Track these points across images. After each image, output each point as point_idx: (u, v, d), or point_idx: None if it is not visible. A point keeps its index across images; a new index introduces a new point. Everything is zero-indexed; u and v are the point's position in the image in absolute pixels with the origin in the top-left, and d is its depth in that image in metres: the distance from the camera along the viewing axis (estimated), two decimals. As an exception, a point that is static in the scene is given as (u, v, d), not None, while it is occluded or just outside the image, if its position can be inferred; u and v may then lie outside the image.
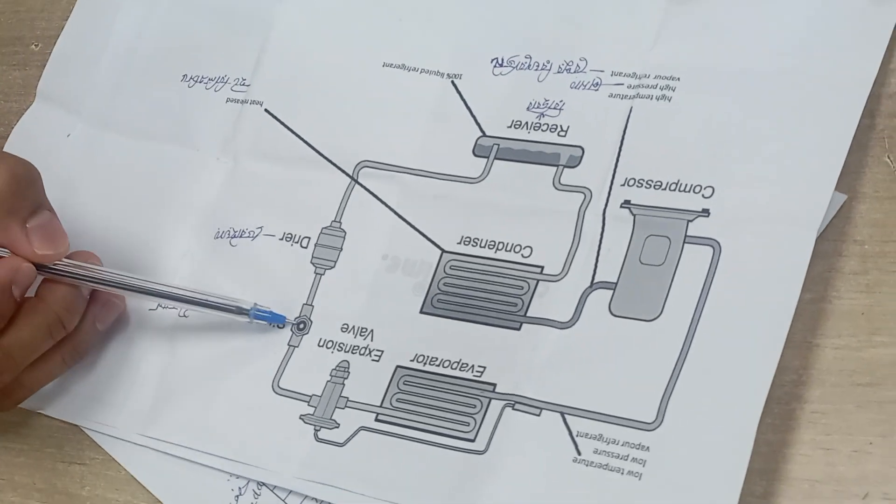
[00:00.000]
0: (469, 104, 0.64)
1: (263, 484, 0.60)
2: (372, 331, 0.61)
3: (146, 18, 0.73)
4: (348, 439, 0.59)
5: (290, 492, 0.59)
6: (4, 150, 0.72)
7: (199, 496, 0.61)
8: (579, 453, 0.54)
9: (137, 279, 0.62)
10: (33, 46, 0.75)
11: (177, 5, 0.72)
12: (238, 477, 0.60)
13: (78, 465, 0.64)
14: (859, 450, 0.53)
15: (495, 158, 0.62)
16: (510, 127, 0.63)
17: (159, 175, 0.69)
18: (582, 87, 0.62)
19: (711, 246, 0.56)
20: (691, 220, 0.57)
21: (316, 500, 0.59)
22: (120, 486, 0.63)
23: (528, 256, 0.60)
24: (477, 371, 0.58)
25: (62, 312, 0.60)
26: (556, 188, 0.61)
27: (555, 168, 0.61)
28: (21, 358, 0.59)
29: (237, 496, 0.60)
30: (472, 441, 0.57)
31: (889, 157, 0.57)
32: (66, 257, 0.61)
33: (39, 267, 0.60)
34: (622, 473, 0.53)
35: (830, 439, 0.53)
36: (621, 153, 0.60)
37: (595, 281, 0.58)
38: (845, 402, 0.54)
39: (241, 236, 0.65)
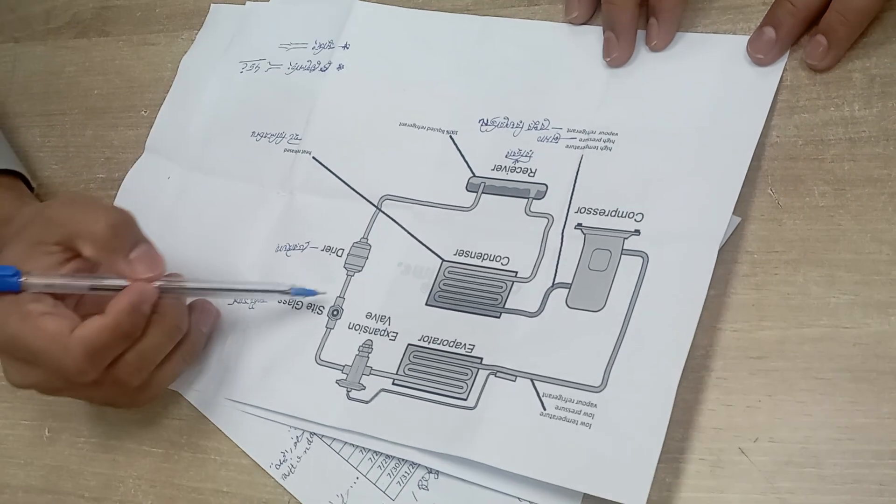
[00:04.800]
0: (463, 153, 0.64)
1: (314, 434, 0.60)
2: (389, 317, 0.61)
3: (225, 91, 0.73)
4: (372, 398, 0.59)
5: (334, 439, 0.59)
6: (122, 188, 0.72)
7: (267, 443, 0.61)
8: (545, 409, 0.54)
9: (215, 283, 0.62)
10: (143, 112, 0.75)
11: (247, 81, 0.72)
12: (295, 428, 0.60)
13: (178, 421, 0.64)
14: (751, 406, 0.53)
15: (483, 193, 0.62)
16: (493, 170, 0.63)
17: (235, 206, 0.68)
18: (546, 140, 0.62)
19: (641, 257, 0.56)
20: (626, 238, 0.57)
21: (353, 445, 0.59)
22: (208, 435, 0.63)
23: (507, 264, 0.60)
24: (468, 348, 0.58)
25: (176, 319, 0.59)
26: (527, 214, 0.60)
27: (526, 200, 0.61)
28: (153, 357, 0.58)
29: (296, 442, 0.60)
30: (465, 400, 0.57)
31: (771, 190, 0.57)
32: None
33: None
34: (576, 424, 0.53)
35: (730, 398, 0.54)
36: (575, 189, 0.60)
37: (555, 282, 0.58)
38: (741, 370, 0.54)
39: (293, 249, 0.65)
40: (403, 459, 0.57)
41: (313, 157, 0.67)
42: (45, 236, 0.58)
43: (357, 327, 0.61)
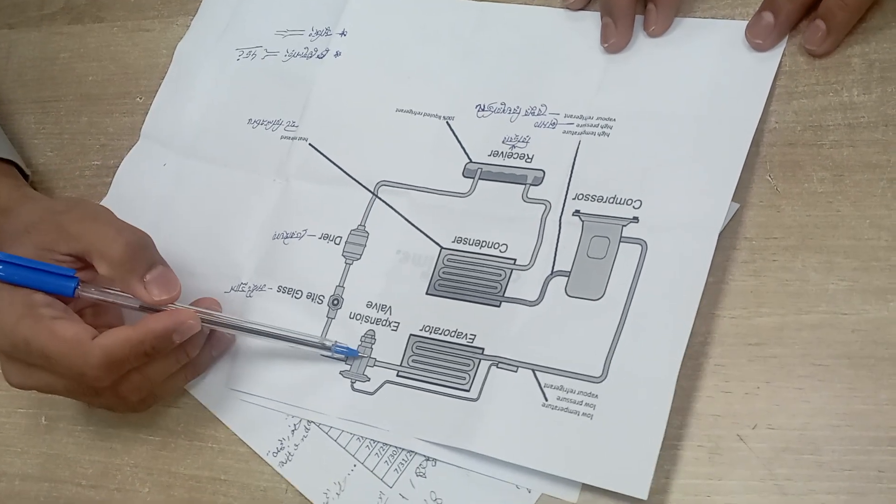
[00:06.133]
0: (460, 139, 0.63)
1: (311, 422, 0.60)
2: (390, 307, 0.60)
3: (221, 78, 0.72)
4: (377, 390, 0.59)
5: (332, 427, 0.59)
6: (117, 176, 0.72)
7: (264, 430, 0.60)
8: (546, 400, 0.54)
9: (240, 320, 0.60)
10: (138, 99, 0.74)
11: (243, 68, 0.72)
12: (292, 416, 0.60)
13: (175, 409, 0.63)
14: (750, 392, 0.53)
15: (479, 179, 0.62)
16: (490, 155, 0.62)
17: (231, 193, 0.68)
18: (543, 126, 0.62)
19: (640, 244, 0.56)
20: (625, 225, 0.57)
21: (350, 433, 0.59)
22: (206, 423, 0.62)
23: (505, 252, 0.59)
24: (469, 338, 0.58)
25: (188, 346, 0.59)
26: (524, 201, 0.60)
27: (523, 186, 0.60)
28: (156, 379, 0.59)
29: (293, 430, 0.60)
30: (468, 391, 0.56)
31: (769, 176, 0.57)
32: (192, 304, 0.60)
33: None
34: (578, 415, 0.53)
35: (728, 385, 0.53)
36: (573, 175, 0.59)
37: (554, 270, 0.57)
38: (739, 357, 0.54)
39: (291, 237, 0.64)
40: (400, 447, 0.57)
41: (310, 144, 0.67)
42: (57, 245, 0.58)
43: (358, 317, 0.61)
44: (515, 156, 0.61)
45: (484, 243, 0.60)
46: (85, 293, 0.58)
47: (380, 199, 0.63)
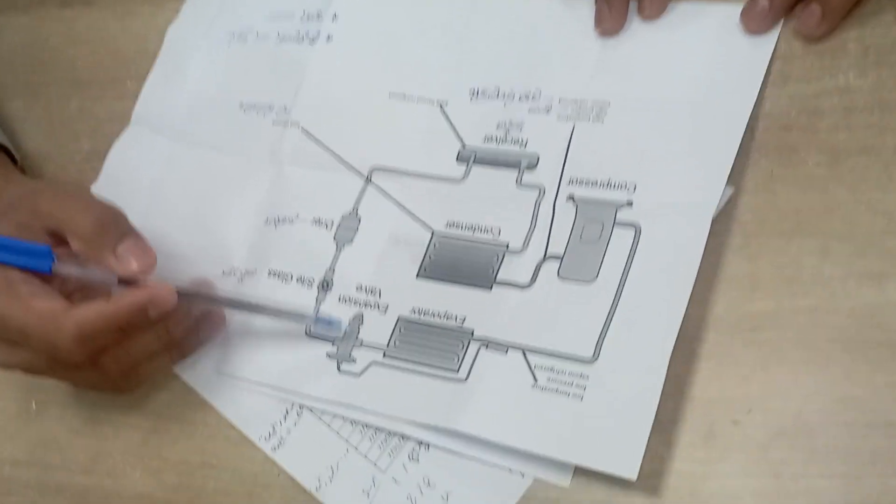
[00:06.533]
0: (453, 123, 0.63)
1: (304, 406, 0.59)
2: (380, 290, 0.60)
3: (212, 62, 0.72)
4: (363, 371, 0.58)
5: (324, 412, 0.59)
6: (107, 161, 0.71)
7: (256, 415, 0.60)
8: (536, 381, 0.54)
9: (223, 293, 0.60)
10: (129, 83, 0.74)
11: (235, 52, 0.71)
12: (285, 400, 0.60)
13: (165, 393, 0.63)
14: (744, 377, 0.53)
15: (473, 163, 0.61)
16: (484, 140, 0.62)
17: (223, 178, 0.67)
18: (537, 111, 0.61)
19: (634, 228, 0.56)
20: (619, 209, 0.56)
21: (343, 417, 0.58)
22: (196, 408, 0.62)
23: (498, 236, 0.59)
24: (459, 320, 0.57)
25: (169, 324, 0.59)
26: (518, 185, 0.60)
27: (517, 170, 0.60)
28: (137, 355, 0.58)
29: (285, 415, 0.60)
30: (457, 372, 0.56)
31: (764, 161, 0.56)
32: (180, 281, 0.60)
33: None
34: (568, 396, 0.53)
35: (723, 369, 0.53)
36: (567, 160, 0.59)
37: (547, 254, 0.57)
38: (733, 342, 0.53)
39: (283, 222, 0.64)
40: (394, 432, 0.57)
41: (302, 129, 0.66)
42: (33, 222, 0.59)
43: (348, 300, 0.61)
44: (510, 141, 0.61)
45: (477, 228, 0.60)
46: (63, 270, 0.58)
47: (373, 184, 0.63)
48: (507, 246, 0.58)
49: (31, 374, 0.59)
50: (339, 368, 0.59)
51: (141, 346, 0.58)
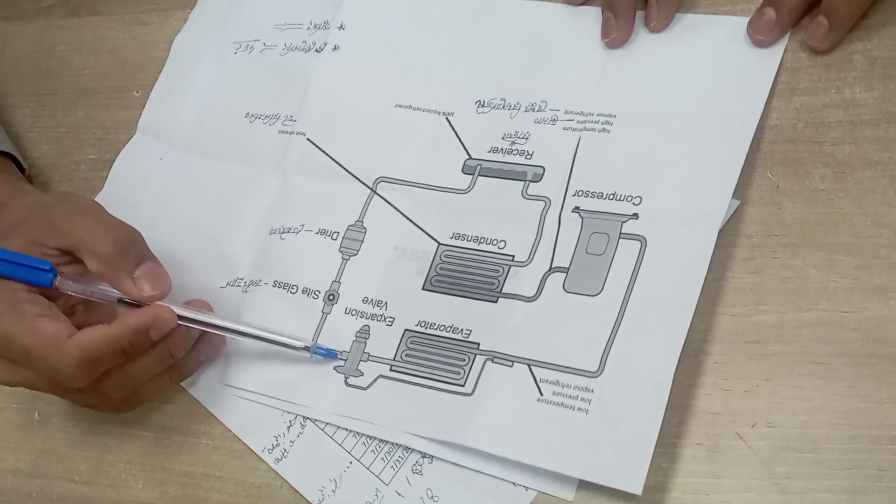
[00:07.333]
0: (459, 135, 0.63)
1: (307, 417, 0.59)
2: (386, 302, 0.60)
3: (218, 72, 0.72)
4: (370, 385, 0.58)
5: (327, 423, 0.59)
6: (113, 170, 0.71)
7: (259, 427, 0.60)
8: (542, 394, 0.54)
9: (220, 320, 0.59)
10: (135, 93, 0.74)
11: (241, 62, 0.71)
12: (288, 412, 0.60)
13: (169, 404, 0.63)
14: (749, 390, 0.53)
15: (479, 175, 0.61)
16: (489, 152, 0.62)
17: (228, 188, 0.67)
18: (543, 122, 0.61)
19: (639, 240, 0.56)
20: (624, 221, 0.56)
21: (346, 429, 0.58)
22: (200, 419, 0.62)
23: (503, 248, 0.59)
24: (465, 333, 0.57)
25: (173, 347, 0.58)
26: (524, 197, 0.60)
27: (523, 182, 0.60)
28: (138, 379, 0.58)
29: (288, 426, 0.59)
30: (462, 386, 0.56)
31: (770, 173, 0.56)
32: (183, 304, 0.60)
33: None
34: (574, 409, 0.53)
35: (727, 382, 0.53)
36: (573, 172, 0.59)
37: (553, 266, 0.57)
38: (738, 355, 0.53)
39: (288, 232, 0.64)
40: (397, 444, 0.57)
41: (308, 139, 0.66)
42: (46, 239, 0.58)
43: (354, 312, 0.61)
44: (515, 152, 0.61)
45: (482, 239, 0.60)
46: (64, 286, 0.58)
47: (378, 194, 0.63)
48: (513, 258, 0.58)
49: (33, 390, 0.59)
50: (346, 382, 0.59)
51: (142, 369, 0.58)
